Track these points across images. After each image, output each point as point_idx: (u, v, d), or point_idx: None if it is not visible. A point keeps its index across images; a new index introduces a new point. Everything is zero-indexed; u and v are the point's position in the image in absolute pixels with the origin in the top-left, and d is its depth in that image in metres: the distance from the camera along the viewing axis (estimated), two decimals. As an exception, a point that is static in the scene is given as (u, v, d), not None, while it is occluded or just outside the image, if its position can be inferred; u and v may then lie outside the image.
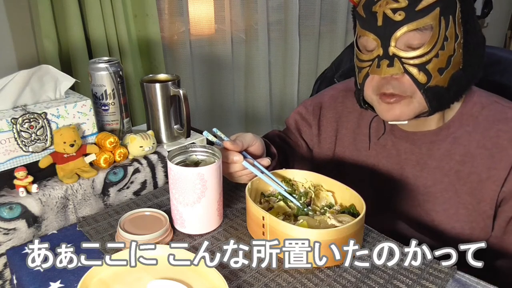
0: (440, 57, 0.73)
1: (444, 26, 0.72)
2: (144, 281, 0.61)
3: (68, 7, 1.40)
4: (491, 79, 0.92)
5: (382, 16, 0.73)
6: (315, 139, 1.01)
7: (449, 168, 0.81)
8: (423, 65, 0.73)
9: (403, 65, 0.74)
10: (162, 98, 0.93)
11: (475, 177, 0.79)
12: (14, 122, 0.75)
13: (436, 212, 0.83)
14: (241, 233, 0.75)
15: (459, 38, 0.74)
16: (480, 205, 0.79)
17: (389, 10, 0.73)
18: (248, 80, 2.17)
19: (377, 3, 0.74)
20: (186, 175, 0.70)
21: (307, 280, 0.63)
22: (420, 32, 0.72)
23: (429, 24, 0.72)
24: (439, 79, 0.74)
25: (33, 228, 0.74)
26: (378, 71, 0.75)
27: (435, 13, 0.72)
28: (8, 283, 0.76)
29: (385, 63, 0.74)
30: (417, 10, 0.71)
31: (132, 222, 0.73)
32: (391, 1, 0.73)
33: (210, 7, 1.95)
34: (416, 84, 0.74)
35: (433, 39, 0.72)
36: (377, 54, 0.75)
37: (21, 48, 1.44)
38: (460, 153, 0.81)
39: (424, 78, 0.74)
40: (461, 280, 0.62)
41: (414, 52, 0.73)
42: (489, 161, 0.78)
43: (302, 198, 0.76)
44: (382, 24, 0.74)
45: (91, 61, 0.92)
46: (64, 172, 0.79)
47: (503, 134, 0.78)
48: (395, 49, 0.74)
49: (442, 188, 0.82)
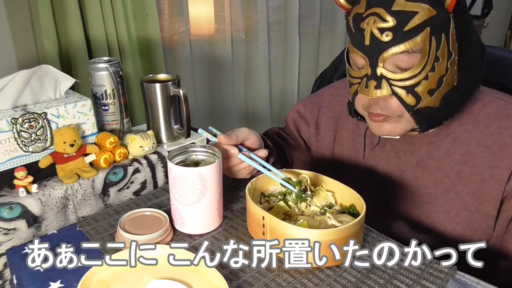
0: (430, 79, 0.71)
1: (435, 46, 0.69)
2: (144, 281, 0.61)
3: (68, 7, 1.40)
4: (491, 79, 0.91)
5: (370, 35, 0.71)
6: (313, 138, 1.00)
7: (449, 169, 0.80)
8: (412, 88, 0.71)
9: (391, 87, 0.72)
10: (162, 98, 0.93)
11: (477, 177, 0.78)
12: (14, 122, 0.75)
13: (436, 214, 0.82)
14: (241, 233, 0.75)
15: (452, 56, 0.71)
16: (483, 205, 0.78)
17: (376, 30, 0.70)
18: (248, 80, 2.17)
19: (365, 20, 0.71)
20: (186, 175, 0.70)
21: (307, 280, 0.63)
22: (408, 55, 0.70)
23: (418, 46, 0.69)
24: (429, 100, 0.72)
25: (33, 228, 0.74)
26: (366, 92, 0.74)
27: (425, 33, 0.68)
28: (8, 283, 0.76)
29: (372, 84, 0.72)
30: (405, 31, 0.68)
31: (132, 222, 0.73)
32: (378, 20, 0.70)
33: (210, 7, 1.95)
34: (404, 106, 0.73)
35: (422, 61, 0.70)
36: (366, 73, 0.73)
37: (21, 48, 1.44)
38: (460, 153, 0.79)
39: (412, 100, 0.72)
40: (461, 280, 0.62)
41: (402, 74, 0.71)
42: (491, 159, 0.76)
43: (296, 186, 0.76)
44: (369, 44, 0.71)
45: (91, 61, 0.92)
46: (64, 172, 0.79)
47: (505, 131, 0.76)
48: (383, 70, 0.71)
49: (443, 189, 0.81)
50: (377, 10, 0.70)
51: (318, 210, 0.74)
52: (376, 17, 0.70)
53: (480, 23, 3.11)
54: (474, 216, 0.79)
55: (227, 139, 0.79)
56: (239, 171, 0.83)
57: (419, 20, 0.68)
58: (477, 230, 0.79)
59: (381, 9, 0.69)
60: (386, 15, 0.69)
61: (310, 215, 0.73)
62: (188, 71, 1.90)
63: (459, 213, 0.80)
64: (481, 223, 0.79)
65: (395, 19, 0.68)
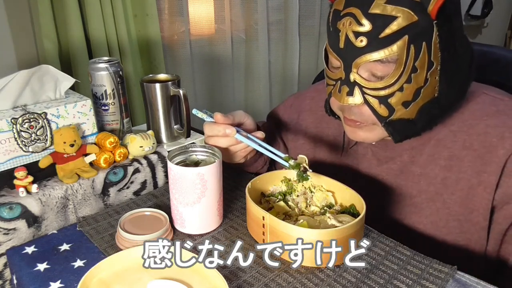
0: (405, 91, 0.66)
1: (413, 56, 0.64)
2: (144, 281, 0.61)
3: (68, 7, 1.39)
4: (490, 78, 0.91)
5: (345, 38, 0.66)
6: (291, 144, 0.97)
7: (434, 176, 0.75)
8: (385, 98, 0.66)
9: (363, 95, 0.67)
10: (162, 98, 0.93)
11: (464, 183, 0.72)
12: (14, 122, 0.75)
13: (424, 225, 0.77)
14: (241, 233, 0.75)
15: (434, 66, 0.65)
16: (473, 215, 0.72)
17: (352, 33, 0.65)
18: (248, 80, 2.17)
19: (341, 20, 0.66)
20: (186, 175, 0.70)
21: (307, 280, 0.63)
22: (383, 64, 0.65)
23: (393, 56, 0.64)
24: (404, 112, 0.68)
25: (33, 228, 0.74)
26: (338, 97, 0.70)
27: (403, 42, 0.63)
28: (8, 283, 0.76)
29: (345, 90, 0.68)
30: (380, 38, 0.63)
31: (132, 222, 0.73)
32: (354, 22, 0.64)
33: (210, 7, 1.95)
34: (376, 117, 0.69)
35: (397, 72, 0.65)
36: (340, 76, 0.69)
37: (21, 48, 1.44)
38: (444, 157, 0.74)
39: (385, 111, 0.68)
40: (461, 280, 0.62)
41: (376, 83, 0.66)
42: (478, 163, 0.71)
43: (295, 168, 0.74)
44: (343, 48, 0.67)
45: (91, 61, 0.92)
46: (64, 172, 0.79)
47: (492, 130, 0.70)
48: (357, 76, 0.67)
49: (428, 198, 0.76)
50: (353, 11, 0.65)
51: (318, 210, 0.74)
52: (352, 18, 0.65)
53: (480, 23, 3.11)
54: (464, 226, 0.74)
55: (224, 118, 0.77)
56: (235, 153, 0.80)
57: (397, 26, 0.62)
58: (470, 240, 0.74)
59: (357, 10, 0.64)
60: (362, 18, 0.64)
61: (310, 215, 0.73)
62: (188, 71, 1.90)
63: (448, 224, 0.74)
64: (472, 233, 0.74)
65: (372, 23, 0.63)
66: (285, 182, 0.80)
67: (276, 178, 0.80)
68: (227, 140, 0.78)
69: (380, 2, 0.63)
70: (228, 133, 0.77)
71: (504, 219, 0.71)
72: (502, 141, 0.69)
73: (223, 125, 0.77)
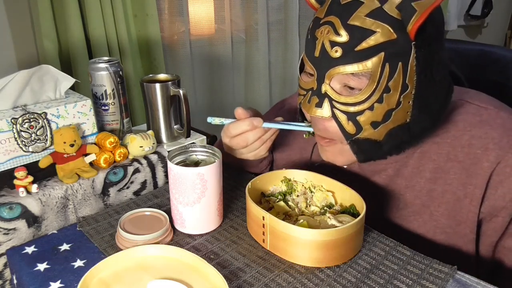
0: (375, 110, 0.64)
1: (387, 74, 0.62)
2: (144, 281, 0.61)
3: (68, 7, 1.40)
4: (490, 78, 0.91)
5: (321, 47, 0.64)
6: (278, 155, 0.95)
7: (419, 188, 0.73)
8: (354, 115, 0.64)
9: (332, 108, 0.65)
10: (162, 98, 0.93)
11: (450, 196, 0.71)
12: (14, 122, 0.75)
13: (414, 238, 0.75)
14: (241, 233, 0.75)
15: (408, 89, 0.63)
16: (460, 227, 0.71)
17: (328, 42, 0.63)
18: (248, 80, 2.17)
19: (320, 28, 0.65)
20: (186, 175, 0.70)
21: (307, 280, 0.63)
22: (356, 77, 0.63)
23: (367, 71, 0.62)
24: (372, 132, 0.66)
25: (33, 228, 0.74)
26: (307, 108, 0.68)
27: (378, 58, 0.61)
28: (8, 283, 0.76)
29: (314, 100, 0.66)
30: (356, 51, 0.61)
31: (132, 222, 0.73)
32: (332, 31, 0.63)
33: (210, 7, 1.95)
34: (342, 133, 0.67)
35: (369, 89, 0.63)
36: (312, 86, 0.67)
37: (21, 48, 1.44)
38: (429, 169, 0.72)
39: (352, 129, 0.66)
40: (461, 280, 0.62)
41: (346, 98, 0.64)
42: (463, 175, 0.69)
43: None
44: (318, 56, 0.65)
45: (91, 61, 0.92)
46: (64, 172, 0.79)
47: (476, 141, 0.69)
48: (328, 88, 0.65)
49: (414, 211, 0.75)
50: (333, 20, 0.63)
51: (318, 210, 0.74)
52: (330, 27, 0.63)
53: (480, 23, 3.11)
54: (453, 238, 0.73)
55: (246, 112, 0.76)
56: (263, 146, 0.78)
57: (375, 41, 0.61)
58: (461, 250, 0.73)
59: (337, 19, 0.63)
60: (340, 28, 0.62)
61: (310, 215, 0.73)
62: (188, 71, 1.90)
63: (435, 237, 0.73)
64: (461, 246, 0.73)
65: (349, 34, 0.61)
66: (285, 182, 0.79)
67: (276, 178, 0.80)
68: (257, 132, 0.75)
69: (361, 15, 0.61)
70: (256, 124, 0.74)
71: (494, 231, 0.70)
72: (486, 153, 0.68)
73: (249, 119, 0.75)
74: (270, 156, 0.95)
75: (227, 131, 0.81)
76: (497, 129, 0.69)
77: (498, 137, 0.69)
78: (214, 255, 0.69)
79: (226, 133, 0.82)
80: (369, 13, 0.61)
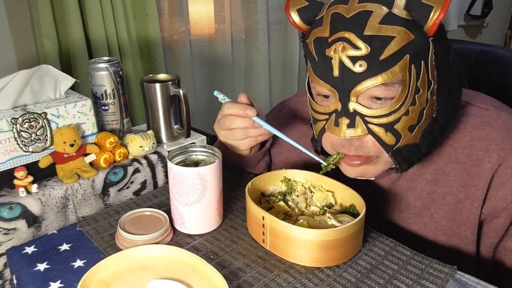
0: (411, 114, 0.62)
1: (415, 76, 0.61)
2: (144, 281, 0.61)
3: (68, 7, 1.40)
4: (490, 78, 0.91)
5: (339, 65, 0.61)
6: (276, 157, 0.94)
7: (420, 190, 0.73)
8: (391, 125, 0.62)
9: (366, 125, 0.63)
10: (162, 98, 0.93)
11: (451, 197, 0.71)
12: (14, 122, 0.75)
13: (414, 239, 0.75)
14: (241, 233, 0.75)
15: (432, 85, 0.63)
16: (461, 229, 0.71)
17: (347, 59, 0.60)
18: (248, 80, 2.17)
19: (331, 47, 0.61)
20: (186, 175, 0.70)
21: (307, 280, 0.63)
22: (386, 87, 0.61)
23: (397, 77, 0.60)
24: (410, 137, 0.64)
25: (33, 228, 0.74)
26: (337, 131, 0.64)
27: (404, 61, 0.60)
28: (8, 283, 0.76)
29: (344, 122, 0.63)
30: (381, 60, 0.59)
31: (132, 222, 0.73)
32: (349, 46, 0.60)
33: (210, 7, 1.95)
34: (382, 146, 0.64)
35: (403, 94, 0.61)
36: (335, 108, 0.64)
37: (21, 48, 1.44)
38: (430, 172, 0.72)
39: (392, 139, 0.63)
40: (461, 280, 0.62)
41: (380, 110, 0.62)
42: (464, 177, 0.69)
43: None
44: (339, 75, 0.61)
45: (91, 61, 0.92)
46: (64, 172, 0.79)
47: (477, 142, 0.68)
48: (357, 105, 0.62)
49: (415, 213, 0.74)
50: (346, 35, 0.60)
51: (318, 210, 0.74)
52: (345, 43, 0.60)
53: (480, 23, 3.11)
54: (453, 240, 0.72)
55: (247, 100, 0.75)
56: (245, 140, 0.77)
57: (397, 46, 0.59)
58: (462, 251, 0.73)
59: (350, 33, 0.60)
60: (357, 41, 0.59)
61: (310, 215, 0.73)
62: (188, 71, 1.90)
63: (436, 238, 0.73)
64: (461, 247, 0.72)
65: (369, 45, 0.59)
66: (285, 182, 0.80)
67: (276, 178, 0.80)
68: (244, 120, 0.74)
69: (374, 23, 0.60)
70: (249, 113, 0.73)
71: (494, 232, 0.70)
72: (488, 154, 0.68)
73: (245, 105, 0.74)
74: (267, 158, 0.95)
75: (223, 109, 0.80)
76: (498, 130, 0.69)
77: (500, 138, 0.68)
78: (214, 255, 0.69)
79: (221, 111, 0.81)
80: (381, 20, 0.60)
